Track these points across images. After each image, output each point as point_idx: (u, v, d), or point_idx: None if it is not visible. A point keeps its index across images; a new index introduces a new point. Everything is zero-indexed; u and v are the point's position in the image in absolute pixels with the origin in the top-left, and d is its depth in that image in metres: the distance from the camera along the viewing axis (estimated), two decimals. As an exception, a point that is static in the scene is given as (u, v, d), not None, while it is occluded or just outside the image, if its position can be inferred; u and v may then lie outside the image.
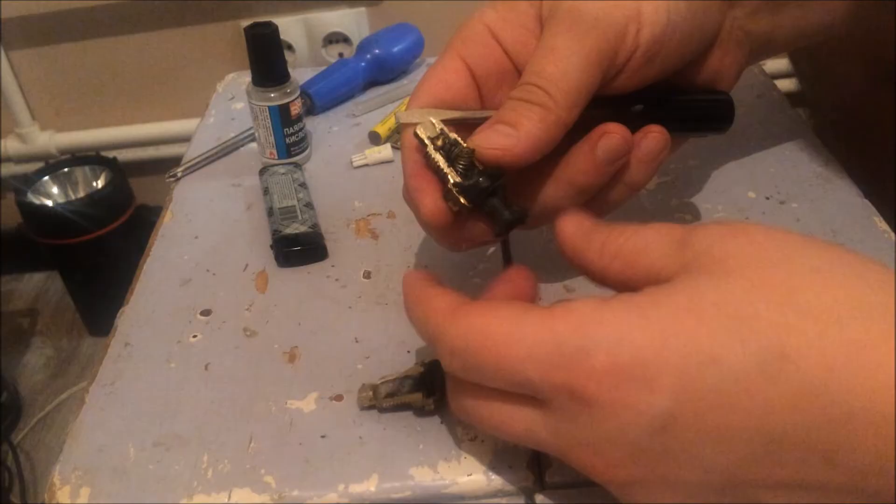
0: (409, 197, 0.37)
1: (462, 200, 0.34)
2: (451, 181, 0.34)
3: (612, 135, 0.36)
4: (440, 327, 0.29)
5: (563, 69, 0.34)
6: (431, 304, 0.31)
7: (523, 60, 0.37)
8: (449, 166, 0.34)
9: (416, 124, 0.36)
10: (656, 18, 0.35)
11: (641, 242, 0.29)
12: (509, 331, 0.27)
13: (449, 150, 0.35)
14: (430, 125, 0.36)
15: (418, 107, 0.37)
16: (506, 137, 0.34)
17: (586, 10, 0.35)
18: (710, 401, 0.24)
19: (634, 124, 0.37)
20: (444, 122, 0.36)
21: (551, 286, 0.43)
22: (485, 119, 0.36)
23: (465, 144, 0.34)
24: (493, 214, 0.35)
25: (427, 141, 0.35)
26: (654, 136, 0.37)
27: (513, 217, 0.34)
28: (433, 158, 0.35)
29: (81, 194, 1.35)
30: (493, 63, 0.38)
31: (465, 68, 0.38)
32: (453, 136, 0.35)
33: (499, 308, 0.28)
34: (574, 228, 0.32)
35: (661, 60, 0.37)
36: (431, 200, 0.35)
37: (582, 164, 0.36)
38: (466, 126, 0.37)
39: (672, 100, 0.40)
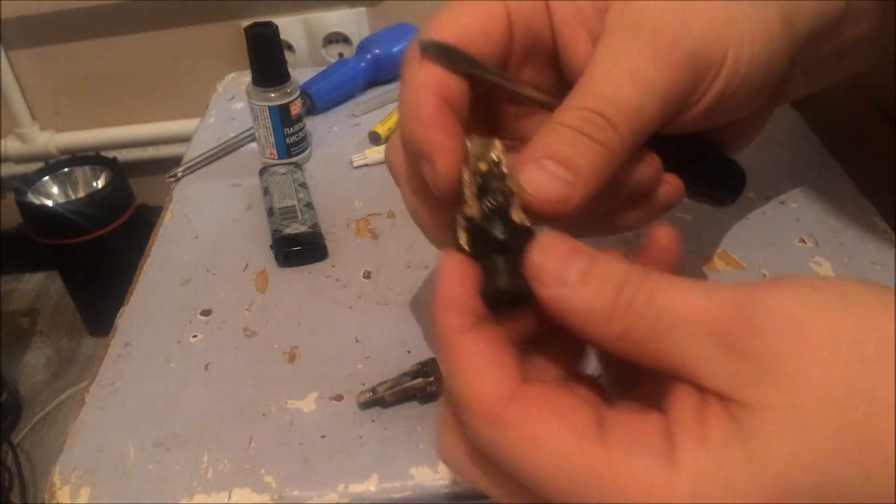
0: (420, 149, 0.28)
1: (462, 240, 0.26)
2: (467, 213, 0.26)
3: (648, 166, 0.31)
4: (475, 422, 0.23)
5: (641, 103, 0.28)
6: (468, 384, 0.23)
7: (565, 50, 0.31)
8: (475, 196, 0.27)
9: (437, 60, 0.28)
10: (735, 69, 0.30)
11: (664, 323, 0.22)
12: (557, 464, 0.21)
13: (487, 179, 0.27)
14: (488, 143, 0.27)
15: (445, 38, 0.29)
16: (563, 185, 0.27)
17: (681, 37, 0.29)
18: None
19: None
20: (467, 71, 0.29)
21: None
22: (514, 92, 0.30)
23: (510, 181, 0.27)
24: (489, 274, 0.26)
25: (472, 156, 0.27)
26: (670, 188, 0.33)
27: (508, 288, 0.25)
28: (464, 178, 0.27)
29: (81, 194, 1.35)
30: (535, 31, 0.31)
31: (506, 20, 0.30)
32: (505, 169, 0.27)
33: (551, 434, 0.22)
34: (560, 271, 0.24)
35: (717, 116, 0.32)
36: (450, 160, 0.27)
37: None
38: (480, 82, 0.30)
39: (691, 158, 0.35)
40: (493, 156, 0.27)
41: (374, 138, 0.60)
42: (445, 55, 0.28)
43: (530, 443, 0.22)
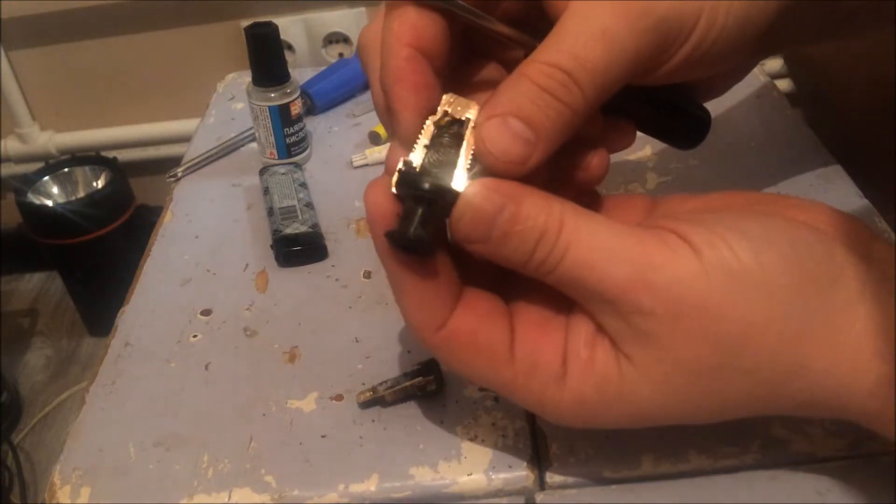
0: (388, 100, 0.29)
1: (394, 178, 0.28)
2: (409, 156, 0.28)
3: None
4: (416, 335, 0.30)
5: (609, 64, 0.27)
6: (407, 313, 0.29)
7: None
8: (426, 146, 0.28)
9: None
10: (704, 37, 0.30)
11: (571, 280, 0.27)
12: (479, 377, 0.30)
13: (443, 134, 0.28)
14: (467, 104, 0.29)
15: None
16: (523, 145, 0.27)
17: (656, 2, 0.28)
18: None
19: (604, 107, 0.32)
20: (439, 6, 0.28)
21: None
22: (488, 29, 0.29)
23: (467, 142, 0.28)
24: (402, 218, 0.28)
25: (440, 110, 0.29)
26: (620, 136, 0.33)
27: (412, 237, 0.27)
28: (424, 126, 0.28)
29: (81, 194, 1.35)
30: None
31: None
32: (468, 132, 0.28)
33: (471, 362, 0.29)
34: (482, 234, 0.27)
35: (683, 76, 0.31)
36: (413, 116, 0.28)
37: None
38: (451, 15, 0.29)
39: (652, 101, 0.34)
40: (465, 116, 0.28)
41: (374, 138, 0.60)
42: None
43: (457, 363, 0.29)
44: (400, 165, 0.28)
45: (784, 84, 1.02)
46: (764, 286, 0.27)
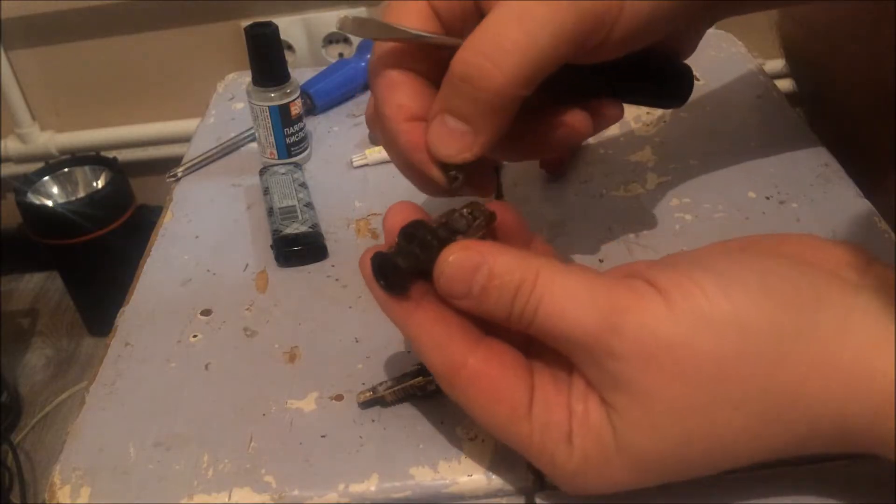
0: (407, 173, 0.33)
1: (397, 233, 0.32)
2: (399, 247, 0.31)
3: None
4: (437, 379, 0.31)
5: (528, 40, 0.28)
6: (426, 357, 0.30)
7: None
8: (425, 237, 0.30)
9: (390, 43, 0.31)
10: (634, 19, 0.31)
11: (549, 330, 0.28)
12: (496, 426, 0.30)
13: (452, 217, 0.31)
14: (490, 215, 0.32)
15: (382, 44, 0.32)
16: (462, 137, 0.30)
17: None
18: None
19: (586, 86, 0.34)
20: (399, 39, 0.31)
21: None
22: (450, 46, 0.31)
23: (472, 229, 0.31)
24: (389, 249, 0.31)
25: (464, 205, 0.32)
26: (610, 117, 0.34)
27: (392, 259, 0.30)
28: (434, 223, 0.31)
29: (81, 194, 1.35)
30: (458, 8, 0.32)
31: (430, 12, 0.32)
32: (477, 223, 0.31)
33: (491, 408, 0.29)
34: (462, 290, 0.29)
35: (636, 45, 0.32)
36: (429, 176, 0.32)
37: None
38: (424, 47, 0.32)
39: (631, 70, 0.35)
40: (481, 209, 0.31)
41: (375, 138, 0.60)
42: (377, 33, 0.31)
43: (476, 408, 0.30)
44: (398, 245, 0.31)
45: (784, 84, 1.02)
46: (734, 320, 0.27)
